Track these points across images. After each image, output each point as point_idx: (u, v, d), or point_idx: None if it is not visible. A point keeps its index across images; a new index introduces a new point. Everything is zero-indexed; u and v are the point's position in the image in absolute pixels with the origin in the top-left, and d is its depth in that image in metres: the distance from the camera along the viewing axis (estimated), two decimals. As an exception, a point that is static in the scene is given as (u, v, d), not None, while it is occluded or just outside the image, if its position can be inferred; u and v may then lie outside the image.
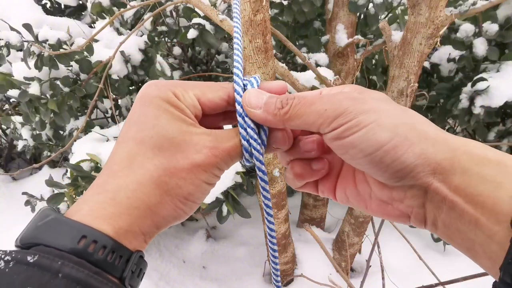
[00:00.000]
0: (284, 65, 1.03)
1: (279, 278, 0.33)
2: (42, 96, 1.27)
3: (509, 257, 0.18)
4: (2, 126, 2.15)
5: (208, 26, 1.38)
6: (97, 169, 1.09)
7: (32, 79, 1.27)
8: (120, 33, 1.55)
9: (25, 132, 1.57)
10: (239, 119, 0.27)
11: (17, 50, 1.33)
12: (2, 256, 0.19)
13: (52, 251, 0.19)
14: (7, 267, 0.18)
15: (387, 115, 0.23)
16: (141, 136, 0.24)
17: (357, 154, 0.23)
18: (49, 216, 0.21)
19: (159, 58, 1.41)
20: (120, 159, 0.24)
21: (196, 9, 1.36)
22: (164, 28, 1.56)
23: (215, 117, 0.29)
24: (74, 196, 1.13)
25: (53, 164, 1.97)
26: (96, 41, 1.40)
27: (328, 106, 0.24)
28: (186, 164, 0.24)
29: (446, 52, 1.41)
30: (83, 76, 1.36)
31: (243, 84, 0.28)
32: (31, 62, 1.24)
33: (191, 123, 0.25)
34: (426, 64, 1.53)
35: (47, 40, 1.26)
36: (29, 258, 0.19)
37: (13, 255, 0.19)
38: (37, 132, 1.55)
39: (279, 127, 0.27)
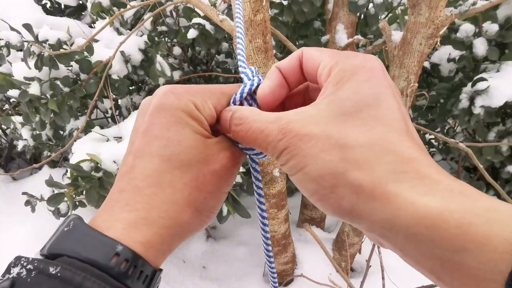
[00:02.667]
0: (284, 65, 1.03)
1: (275, 275, 0.33)
2: (42, 96, 1.27)
3: None
4: (2, 126, 2.15)
5: (208, 26, 1.38)
6: (97, 169, 1.09)
7: (32, 79, 1.27)
8: (120, 33, 1.55)
9: (25, 132, 1.57)
10: None
11: (17, 50, 1.33)
12: (25, 264, 0.18)
13: (75, 263, 0.19)
14: (29, 276, 0.18)
15: (315, 160, 0.20)
16: (167, 153, 0.23)
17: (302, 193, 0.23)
18: (79, 227, 0.21)
19: (159, 58, 1.41)
20: (145, 176, 0.23)
21: (196, 9, 1.36)
22: (164, 28, 1.56)
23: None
24: (74, 196, 1.13)
25: (53, 164, 1.97)
26: (96, 41, 1.40)
27: (269, 144, 0.23)
28: (211, 179, 0.24)
29: (446, 52, 1.41)
30: (83, 76, 1.36)
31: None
32: (31, 62, 1.24)
33: (207, 135, 0.25)
34: (426, 64, 1.53)
35: (47, 40, 1.26)
36: (51, 269, 0.18)
37: (36, 264, 0.18)
38: (37, 132, 1.55)
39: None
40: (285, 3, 1.38)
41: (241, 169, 1.16)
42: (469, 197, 0.18)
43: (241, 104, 0.27)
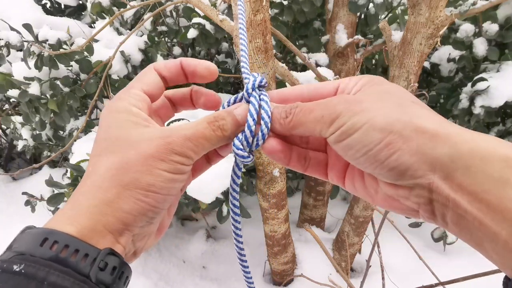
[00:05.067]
0: (284, 65, 1.03)
1: (249, 276, 0.34)
2: (42, 96, 1.27)
3: None
4: (2, 126, 2.15)
5: (208, 26, 1.38)
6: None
7: (32, 79, 1.27)
8: (120, 33, 1.55)
9: (25, 132, 1.57)
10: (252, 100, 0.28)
11: (17, 50, 1.33)
12: None
13: (38, 261, 0.20)
14: None
15: (381, 113, 0.23)
16: (96, 146, 0.26)
17: (355, 155, 0.24)
18: (24, 229, 0.22)
19: (159, 58, 1.41)
20: (87, 170, 0.25)
21: (196, 9, 1.36)
22: (164, 28, 1.56)
23: (200, 160, 0.31)
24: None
25: (53, 164, 1.97)
26: (96, 41, 1.40)
27: (324, 112, 0.25)
28: (138, 158, 0.24)
29: (446, 52, 1.41)
30: (83, 76, 1.36)
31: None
32: (31, 62, 1.24)
33: (143, 124, 0.26)
34: (426, 64, 1.53)
35: (47, 40, 1.26)
36: (15, 267, 0.19)
37: None
38: (37, 132, 1.55)
39: (286, 135, 0.28)
40: (285, 3, 1.38)
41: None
42: (508, 142, 0.21)
43: (248, 97, 0.28)
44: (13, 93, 1.27)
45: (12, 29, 1.27)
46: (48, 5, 1.94)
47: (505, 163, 0.19)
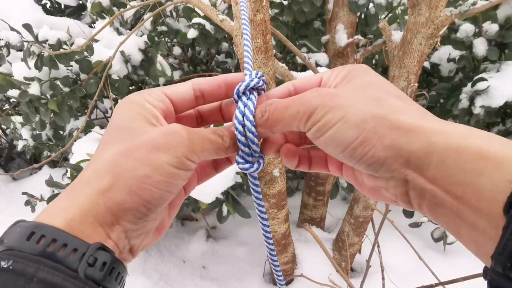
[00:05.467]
0: (284, 65, 1.03)
1: (281, 278, 0.33)
2: (42, 96, 1.27)
3: (500, 247, 0.18)
4: (2, 126, 2.15)
5: (208, 26, 1.38)
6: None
7: (32, 79, 1.27)
8: (120, 33, 1.55)
9: (25, 132, 1.57)
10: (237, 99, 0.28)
11: (17, 50, 1.33)
12: None
13: (27, 256, 0.19)
14: None
15: (355, 109, 0.23)
16: (106, 134, 0.25)
17: (333, 151, 0.24)
18: (15, 222, 0.22)
19: (159, 58, 1.41)
20: (90, 159, 0.24)
21: (196, 9, 1.36)
22: (164, 28, 1.56)
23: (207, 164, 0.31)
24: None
25: (53, 164, 1.97)
26: (96, 41, 1.40)
27: (300, 107, 0.24)
28: (142, 144, 0.23)
29: (446, 52, 1.41)
30: (83, 76, 1.36)
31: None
32: (31, 62, 1.24)
33: (151, 121, 0.25)
34: (426, 64, 1.53)
35: (47, 40, 1.26)
36: (3, 263, 0.18)
37: None
38: (37, 132, 1.55)
39: (269, 134, 0.28)
40: (285, 3, 1.38)
41: (241, 169, 1.16)
42: (485, 132, 0.21)
43: (243, 93, 0.28)
44: (13, 93, 1.27)
45: (12, 29, 1.27)
46: (48, 5, 1.94)
47: (478, 155, 0.20)
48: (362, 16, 1.48)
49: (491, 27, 1.23)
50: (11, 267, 0.18)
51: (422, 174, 0.21)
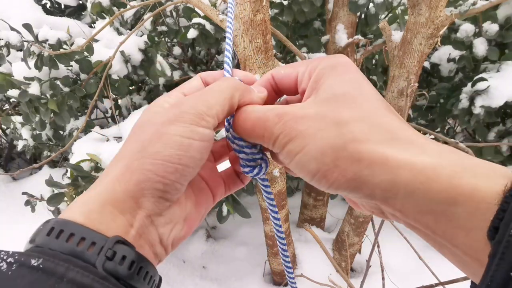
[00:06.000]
0: (284, 65, 1.03)
1: (292, 276, 0.33)
2: (42, 96, 1.27)
3: (487, 279, 0.17)
4: (2, 126, 2.15)
5: (208, 26, 1.38)
6: (97, 169, 1.09)
7: (32, 79, 1.27)
8: (120, 33, 1.55)
9: (25, 132, 1.57)
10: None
11: (17, 50, 1.33)
12: (4, 257, 0.18)
13: (57, 255, 0.19)
14: (10, 269, 0.17)
15: (315, 139, 0.22)
16: (130, 134, 0.25)
17: (304, 178, 0.23)
18: (47, 221, 0.21)
19: (159, 58, 1.41)
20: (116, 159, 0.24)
21: (196, 9, 1.36)
22: (164, 28, 1.56)
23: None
24: (74, 196, 1.13)
25: (53, 164, 1.97)
26: (96, 41, 1.40)
27: (264, 132, 0.24)
28: (152, 128, 0.23)
29: (446, 52, 1.41)
30: (83, 76, 1.36)
31: None
32: (31, 62, 1.24)
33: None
34: (426, 64, 1.53)
35: (47, 40, 1.26)
36: (33, 261, 0.18)
37: (16, 257, 0.18)
38: (37, 132, 1.55)
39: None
40: (285, 3, 1.38)
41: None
42: (458, 154, 0.20)
43: None
44: (13, 93, 1.27)
45: (12, 29, 1.27)
46: (48, 5, 1.94)
47: (449, 184, 0.18)
48: (362, 16, 1.48)
49: (491, 27, 1.23)
50: (41, 266, 0.18)
51: (389, 204, 0.20)
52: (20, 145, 1.69)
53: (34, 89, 1.25)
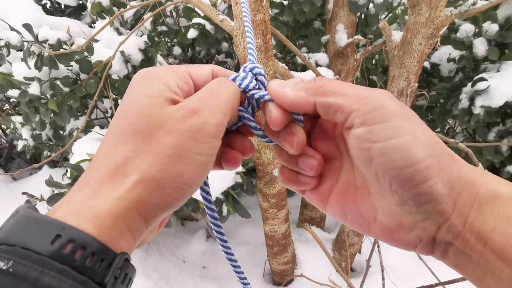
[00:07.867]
0: (284, 65, 1.03)
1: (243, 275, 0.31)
2: (42, 96, 1.27)
3: None
4: (2, 126, 2.15)
5: (208, 26, 1.38)
6: (97, 169, 1.09)
7: (32, 79, 1.27)
8: (120, 33, 1.55)
9: (25, 132, 1.57)
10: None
11: (17, 50, 1.33)
12: None
13: (30, 255, 0.16)
14: None
15: (422, 129, 0.21)
16: (122, 120, 0.22)
17: (385, 165, 0.20)
18: (20, 212, 0.19)
19: (159, 58, 1.41)
20: (103, 151, 0.21)
21: (196, 9, 1.36)
22: (164, 28, 1.56)
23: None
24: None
25: (53, 164, 1.97)
26: (96, 41, 1.40)
27: (369, 94, 0.21)
28: (169, 142, 0.20)
29: (446, 52, 1.41)
30: (83, 76, 1.36)
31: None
32: (31, 62, 1.24)
33: (174, 100, 0.22)
34: (426, 64, 1.53)
35: (47, 40, 1.26)
36: (2, 264, 0.16)
37: None
38: (37, 132, 1.55)
39: (304, 105, 0.23)
40: (285, 3, 1.38)
41: (241, 169, 1.16)
42: None
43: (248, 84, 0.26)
44: (13, 93, 1.27)
45: (12, 29, 1.27)
46: (48, 5, 1.94)
47: (509, 201, 0.20)
48: (362, 16, 1.48)
49: (491, 27, 1.23)
50: (11, 270, 0.16)
51: (462, 218, 0.20)
52: (20, 145, 1.69)
53: (34, 89, 1.25)
